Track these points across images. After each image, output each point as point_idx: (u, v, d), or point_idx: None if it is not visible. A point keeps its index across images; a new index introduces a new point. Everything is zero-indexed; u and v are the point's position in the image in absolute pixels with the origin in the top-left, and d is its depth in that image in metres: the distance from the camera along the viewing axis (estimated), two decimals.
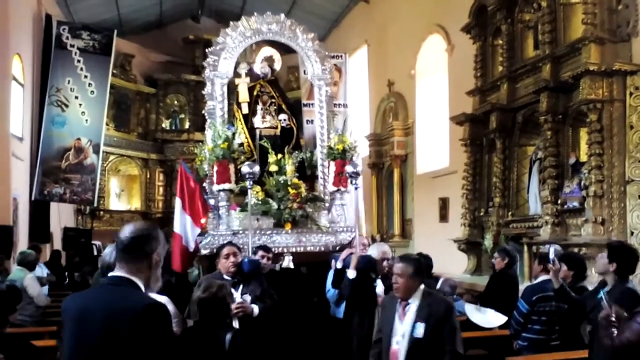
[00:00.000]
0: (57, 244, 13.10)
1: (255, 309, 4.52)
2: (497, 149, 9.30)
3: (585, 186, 7.35)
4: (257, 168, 5.91)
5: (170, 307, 3.81)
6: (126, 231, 2.28)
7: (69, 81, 12.49)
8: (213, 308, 3.55)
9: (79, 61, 12.61)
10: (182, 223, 6.35)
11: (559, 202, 7.81)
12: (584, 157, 7.76)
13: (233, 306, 4.26)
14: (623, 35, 7.47)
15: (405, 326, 3.46)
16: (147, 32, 17.77)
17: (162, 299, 3.90)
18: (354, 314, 4.80)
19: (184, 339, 3.50)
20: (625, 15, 7.46)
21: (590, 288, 4.98)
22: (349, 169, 5.88)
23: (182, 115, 18.05)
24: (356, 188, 5.82)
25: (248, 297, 4.54)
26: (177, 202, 6.53)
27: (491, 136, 9.43)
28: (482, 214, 9.71)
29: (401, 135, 13.17)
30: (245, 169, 5.82)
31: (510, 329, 4.87)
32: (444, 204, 11.63)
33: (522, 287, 6.22)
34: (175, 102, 18.05)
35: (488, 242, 9.04)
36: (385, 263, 5.04)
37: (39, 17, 12.56)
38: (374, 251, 5.16)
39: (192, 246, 6.31)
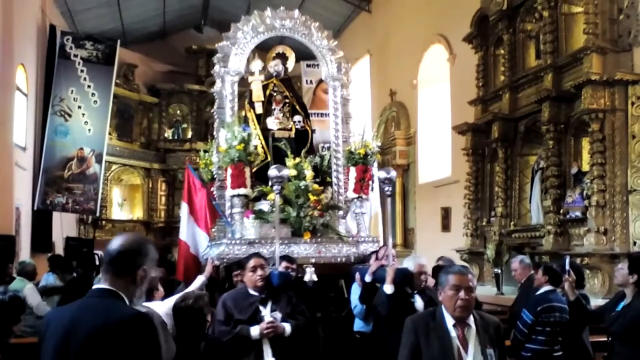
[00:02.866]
0: (59, 253, 13.09)
1: (287, 327, 4.11)
2: (499, 159, 9.29)
3: (588, 196, 7.34)
4: (285, 171, 5.42)
5: None
6: (115, 244, 2.22)
7: (72, 91, 12.52)
8: (189, 319, 3.47)
9: (82, 71, 12.65)
10: (190, 230, 6.10)
11: (561, 211, 7.79)
12: (586, 167, 7.75)
13: (262, 325, 4.00)
14: (624, 45, 7.49)
15: (473, 354, 2.81)
16: (150, 42, 17.85)
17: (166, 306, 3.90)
18: (392, 332, 4.19)
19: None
20: (626, 25, 7.48)
21: (590, 297, 4.96)
22: (381, 174, 5.41)
23: (185, 125, 18.09)
24: (389, 195, 5.39)
25: (278, 315, 4.12)
26: (184, 207, 6.23)
27: (493, 146, 9.43)
28: (484, 223, 9.69)
29: (403, 145, 13.16)
30: (272, 172, 5.32)
31: (514, 339, 4.83)
32: (446, 214, 11.60)
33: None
34: (178, 111, 18.09)
35: (490, 252, 9.00)
36: (422, 277, 4.53)
37: (43, 27, 12.62)
38: (410, 263, 4.62)
39: (200, 254, 6.02)
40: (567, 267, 4.69)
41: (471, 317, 2.86)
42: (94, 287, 2.24)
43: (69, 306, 2.32)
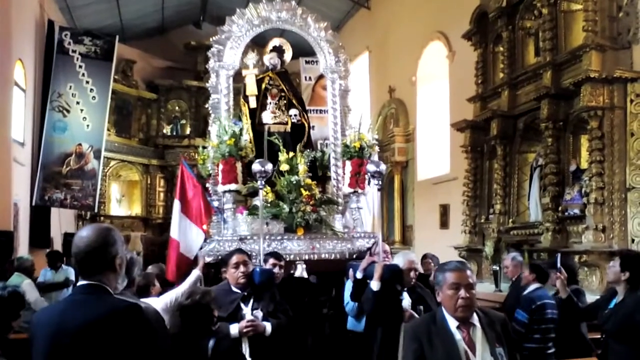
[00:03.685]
0: (58, 249, 13.07)
1: (268, 326, 4.01)
2: (497, 156, 9.30)
3: (586, 193, 7.34)
4: (269, 166, 5.32)
5: None
6: (80, 245, 2.15)
7: (70, 87, 12.50)
8: (197, 315, 3.46)
9: (80, 67, 12.62)
10: (182, 228, 5.90)
11: (560, 209, 7.80)
12: (584, 164, 7.75)
13: (242, 324, 3.92)
14: (624, 43, 7.49)
15: (482, 355, 2.62)
16: (149, 38, 17.82)
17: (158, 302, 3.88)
18: (377, 330, 4.29)
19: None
20: (625, 22, 7.47)
21: (587, 294, 4.96)
22: (370, 167, 5.31)
23: (183, 121, 18.08)
24: (379, 189, 5.30)
25: (259, 313, 4.04)
26: (176, 204, 6.02)
27: (492, 143, 9.43)
28: (482, 220, 9.70)
29: (402, 142, 13.16)
30: (256, 167, 5.25)
31: None
32: (444, 211, 11.61)
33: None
34: (177, 107, 18.08)
35: (489, 249, 9.02)
36: (412, 274, 4.49)
37: (42, 22, 12.58)
38: (400, 260, 4.58)
39: (194, 253, 5.80)
40: (559, 265, 4.70)
41: (475, 316, 2.68)
42: (78, 284, 2.21)
43: (56, 305, 2.30)
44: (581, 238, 7.39)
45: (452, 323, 2.66)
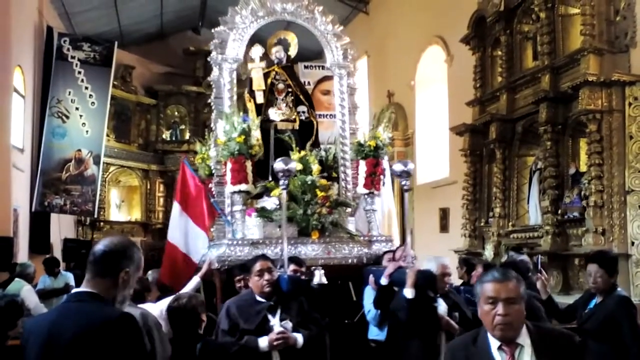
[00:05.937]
0: (57, 255, 13.05)
1: (299, 338, 3.73)
2: (497, 159, 9.30)
3: (586, 196, 7.35)
4: (293, 164, 4.93)
5: None
6: (100, 245, 2.20)
7: (69, 92, 12.51)
8: (183, 319, 3.46)
9: (79, 72, 12.64)
10: (184, 230, 5.70)
11: (560, 212, 7.80)
12: (583, 168, 7.77)
13: (272, 336, 3.66)
14: (621, 46, 7.51)
15: None
16: (148, 44, 17.84)
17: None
18: (413, 340, 4.03)
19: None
20: (623, 26, 7.50)
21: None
22: (398, 167, 5.00)
23: (183, 126, 18.09)
24: (406, 190, 5.09)
25: (289, 324, 3.75)
26: (175, 206, 5.81)
27: (491, 146, 9.44)
28: (482, 224, 9.70)
29: (401, 146, 13.15)
30: (278, 165, 4.85)
31: None
32: (444, 215, 11.61)
33: None
34: (176, 113, 18.09)
35: (489, 252, 9.02)
36: (447, 279, 4.26)
37: (40, 29, 12.60)
38: (432, 265, 4.27)
39: (198, 257, 5.59)
40: (539, 267, 4.71)
41: (524, 334, 2.27)
42: (73, 290, 2.22)
43: (48, 313, 2.30)
44: (581, 241, 7.40)
45: (494, 344, 2.27)
